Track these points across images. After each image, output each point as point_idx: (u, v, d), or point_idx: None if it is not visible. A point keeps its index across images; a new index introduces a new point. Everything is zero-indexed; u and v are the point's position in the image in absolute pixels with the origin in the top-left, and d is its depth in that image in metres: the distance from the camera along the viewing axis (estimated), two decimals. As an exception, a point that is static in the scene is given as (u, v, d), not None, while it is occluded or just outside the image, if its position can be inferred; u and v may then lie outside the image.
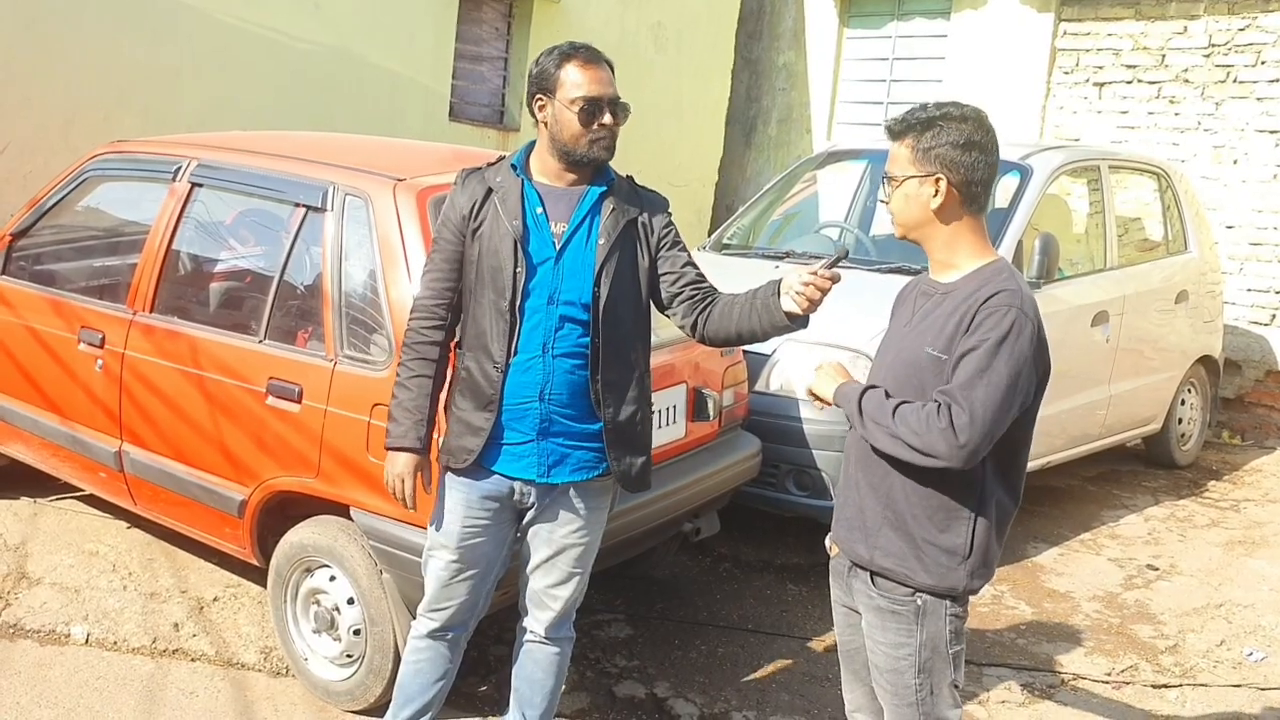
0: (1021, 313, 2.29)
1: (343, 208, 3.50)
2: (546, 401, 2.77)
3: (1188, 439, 6.88)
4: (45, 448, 4.32)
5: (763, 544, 5.11)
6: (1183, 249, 6.55)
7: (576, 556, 2.93)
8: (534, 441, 2.79)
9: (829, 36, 9.92)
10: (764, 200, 6.56)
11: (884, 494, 2.42)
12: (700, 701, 3.76)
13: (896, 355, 2.46)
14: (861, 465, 2.48)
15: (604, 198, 2.81)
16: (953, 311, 2.35)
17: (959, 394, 2.26)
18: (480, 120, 8.92)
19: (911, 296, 2.54)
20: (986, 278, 2.36)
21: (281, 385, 3.48)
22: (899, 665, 2.45)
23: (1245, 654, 4.35)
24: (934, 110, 2.38)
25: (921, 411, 2.29)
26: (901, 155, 2.39)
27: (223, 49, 7.13)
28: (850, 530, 2.50)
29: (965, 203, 2.38)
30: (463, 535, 2.86)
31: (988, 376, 2.25)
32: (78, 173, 4.37)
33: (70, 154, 5.22)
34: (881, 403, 2.36)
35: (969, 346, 2.29)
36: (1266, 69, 7.58)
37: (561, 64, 2.74)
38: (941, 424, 2.25)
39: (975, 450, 2.26)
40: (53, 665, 3.66)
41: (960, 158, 2.33)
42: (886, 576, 2.43)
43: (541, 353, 2.76)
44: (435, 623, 2.96)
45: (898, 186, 2.40)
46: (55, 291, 4.27)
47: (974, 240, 2.41)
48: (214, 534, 3.84)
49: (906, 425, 2.29)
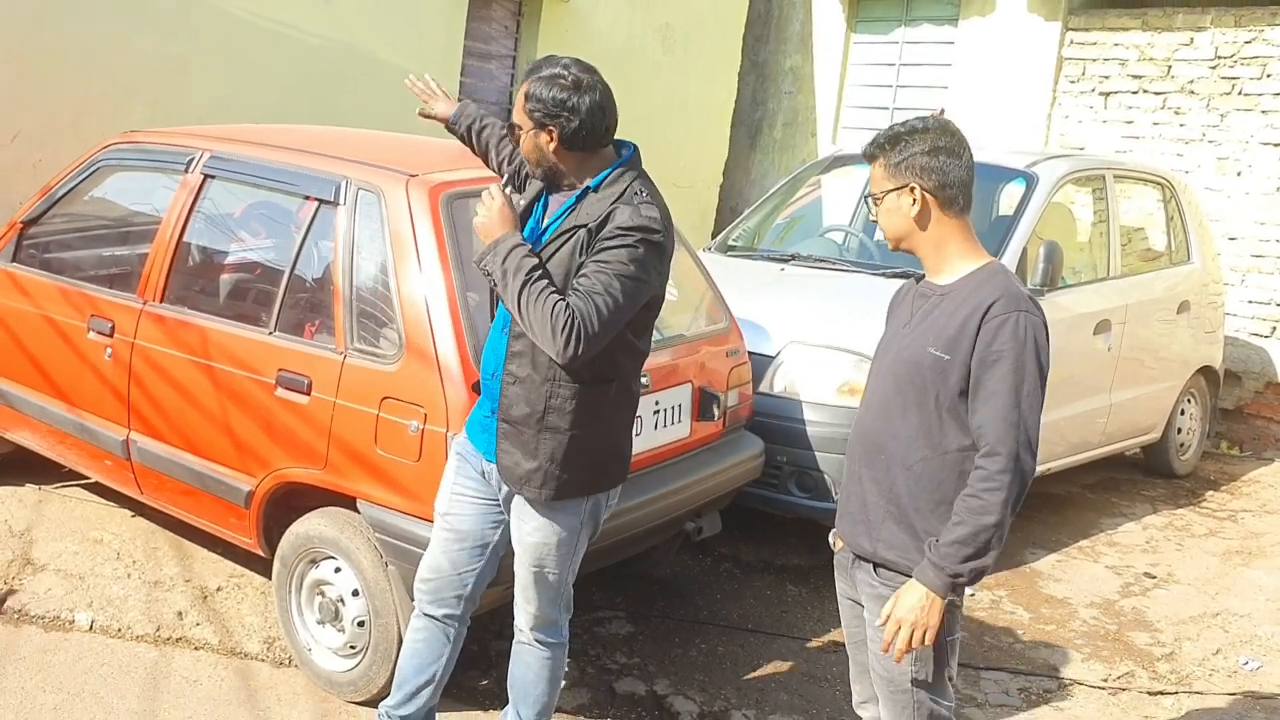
0: (1027, 314, 2.37)
1: (355, 202, 3.52)
2: (495, 379, 2.83)
3: (1187, 449, 6.91)
4: (52, 435, 4.34)
5: (763, 544, 5.13)
6: (1185, 260, 6.58)
7: (538, 556, 2.87)
8: (491, 417, 2.85)
9: (836, 41, 9.94)
10: (769, 203, 6.59)
11: (887, 488, 2.48)
12: (700, 699, 3.79)
13: (897, 355, 2.51)
14: (865, 460, 2.54)
15: (577, 203, 2.77)
16: (953, 312, 2.41)
17: (1001, 429, 2.33)
18: (488, 118, 8.93)
19: (908, 299, 2.60)
20: (982, 280, 2.44)
21: (291, 377, 3.50)
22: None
23: (1241, 663, 4.38)
24: (899, 128, 2.50)
25: (989, 476, 2.34)
26: (877, 174, 2.52)
27: (232, 42, 7.15)
28: (854, 524, 2.55)
29: (943, 206, 2.47)
30: (450, 503, 2.97)
31: (1025, 387, 2.34)
32: (90, 162, 4.39)
33: (79, 144, 5.23)
34: (955, 538, 2.36)
35: (990, 361, 2.35)
36: (1272, 81, 7.61)
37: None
38: (1002, 467, 2.33)
39: (1035, 451, 2.36)
40: (57, 651, 3.68)
41: (929, 163, 2.43)
42: (889, 568, 2.49)
43: (500, 330, 2.83)
44: (425, 594, 3.02)
45: (879, 203, 2.52)
46: (66, 280, 4.28)
47: (961, 241, 2.49)
48: (219, 524, 3.86)
49: (989, 507, 2.34)
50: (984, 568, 2.35)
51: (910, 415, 2.44)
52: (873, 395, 2.57)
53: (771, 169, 10.29)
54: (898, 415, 2.47)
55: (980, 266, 2.47)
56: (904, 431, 2.45)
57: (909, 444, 2.45)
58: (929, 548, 2.38)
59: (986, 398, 2.35)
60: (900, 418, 2.46)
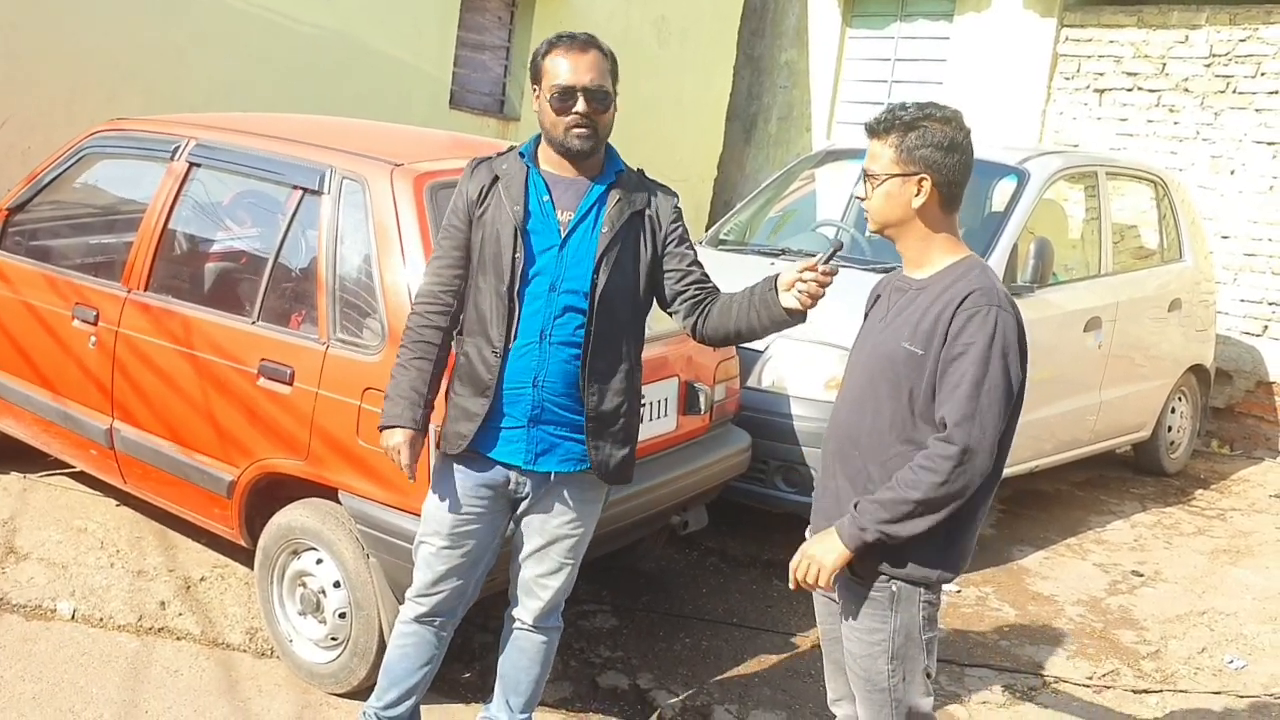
0: (1000, 309, 2.33)
1: (340, 191, 3.50)
2: (540, 388, 2.77)
3: (1177, 447, 6.91)
4: (36, 423, 4.32)
5: (750, 539, 5.12)
6: (1177, 257, 6.58)
7: (568, 547, 2.93)
8: (525, 428, 2.80)
9: (831, 36, 9.92)
10: (761, 197, 6.57)
11: (861, 484, 2.45)
12: (683, 694, 3.78)
13: (872, 350, 2.49)
14: (839, 455, 2.52)
15: (612, 188, 2.82)
16: (928, 307, 2.38)
17: (957, 419, 2.30)
18: (481, 109, 8.92)
19: (886, 292, 2.57)
20: (959, 274, 2.40)
21: (273, 367, 3.48)
22: (872, 651, 2.48)
23: (1226, 661, 4.38)
24: (917, 111, 2.41)
25: (930, 457, 2.31)
26: (884, 154, 2.42)
27: (228, 30, 7.13)
28: (828, 519, 2.51)
29: (944, 203, 2.43)
30: (456, 523, 2.87)
31: (987, 383, 2.30)
32: (75, 149, 4.37)
33: (72, 130, 5.21)
34: (877, 498, 2.36)
35: (955, 354, 2.32)
36: (1266, 80, 7.60)
37: (547, 52, 2.76)
38: (947, 453, 2.29)
39: (990, 453, 2.32)
40: (38, 640, 3.66)
41: (944, 159, 2.38)
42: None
43: (539, 339, 2.77)
44: (423, 608, 2.96)
45: (879, 184, 2.43)
46: (50, 267, 4.27)
47: (948, 238, 2.46)
48: (202, 514, 3.84)
49: (919, 483, 2.31)
50: (894, 535, 2.34)
51: (884, 410, 2.42)
52: (848, 390, 2.55)
53: (766, 163, 10.27)
54: (871, 410, 2.44)
55: (958, 260, 2.44)
56: (877, 426, 2.43)
57: (882, 438, 2.42)
58: (854, 505, 2.38)
59: (950, 389, 2.32)
60: (874, 412, 2.44)
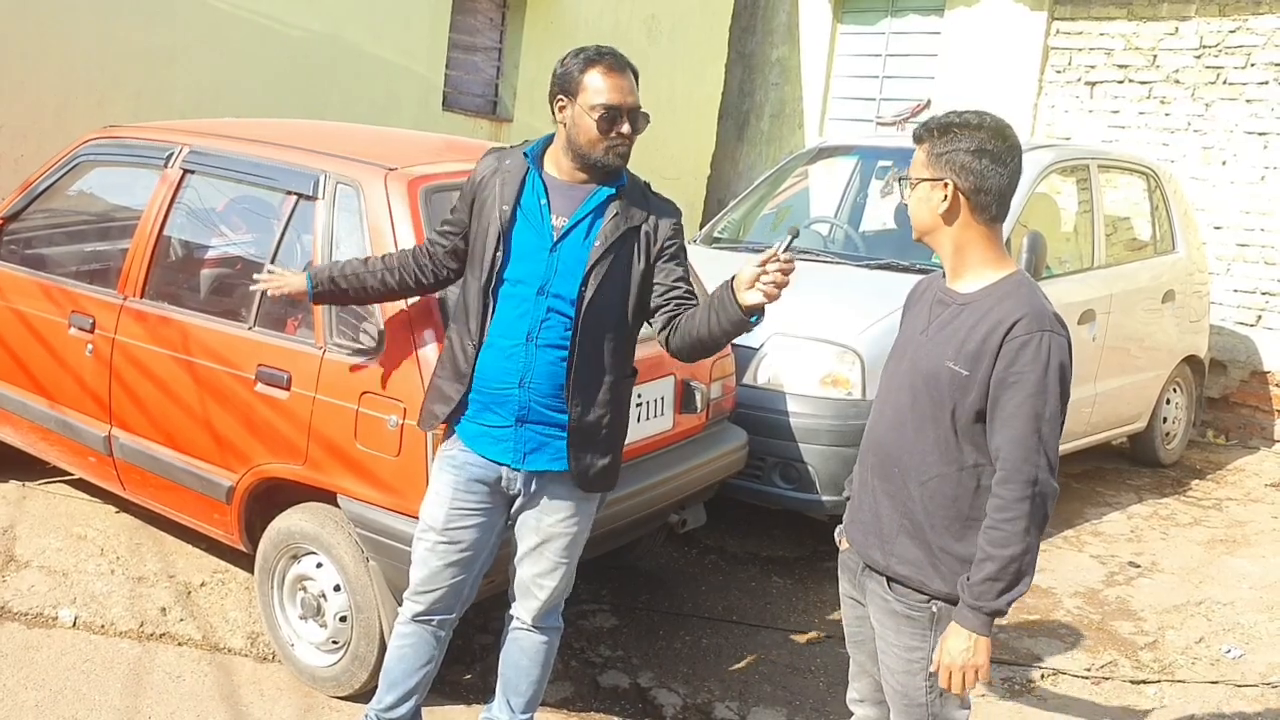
0: (1052, 334, 2.28)
1: (334, 196, 3.51)
2: (526, 389, 2.80)
3: (1172, 438, 6.93)
4: (34, 431, 4.33)
5: (748, 536, 5.14)
6: (1170, 249, 6.60)
7: (563, 546, 2.95)
8: (512, 427, 2.83)
9: (822, 32, 9.93)
10: (755, 194, 6.58)
11: (901, 503, 2.42)
12: (683, 692, 3.80)
13: (913, 365, 2.43)
14: (878, 473, 2.48)
15: (611, 200, 2.83)
16: (973, 327, 2.33)
17: (1018, 455, 2.26)
18: (473, 110, 8.93)
19: (927, 302, 2.51)
20: (1005, 292, 2.35)
21: (270, 372, 3.49)
22: (911, 668, 2.46)
23: (1224, 651, 4.40)
24: (953, 116, 2.40)
25: (1005, 506, 2.28)
26: (919, 158, 2.42)
27: (217, 34, 7.13)
28: (866, 534, 2.50)
29: (974, 210, 2.37)
30: (450, 518, 2.89)
31: (1046, 412, 2.26)
32: (70, 157, 4.37)
33: (63, 137, 5.22)
34: (985, 575, 2.29)
35: (1009, 381, 2.27)
36: (1256, 71, 7.63)
37: (586, 68, 2.75)
38: (1021, 495, 2.26)
39: (1053, 470, 2.30)
40: (40, 648, 3.67)
41: (971, 164, 2.34)
42: (902, 583, 2.44)
43: (525, 340, 2.79)
44: (421, 606, 2.98)
45: (913, 189, 2.44)
46: (46, 276, 4.27)
47: (985, 250, 2.40)
48: (202, 519, 3.85)
49: (1010, 538, 2.27)
50: (1019, 596, 2.29)
51: (926, 430, 2.37)
52: (886, 404, 2.49)
53: (759, 161, 10.29)
54: (913, 429, 2.40)
55: (1004, 277, 2.37)
56: (919, 446, 2.38)
57: (924, 459, 2.38)
58: (962, 588, 2.31)
59: (1005, 421, 2.27)
60: (915, 432, 2.39)
